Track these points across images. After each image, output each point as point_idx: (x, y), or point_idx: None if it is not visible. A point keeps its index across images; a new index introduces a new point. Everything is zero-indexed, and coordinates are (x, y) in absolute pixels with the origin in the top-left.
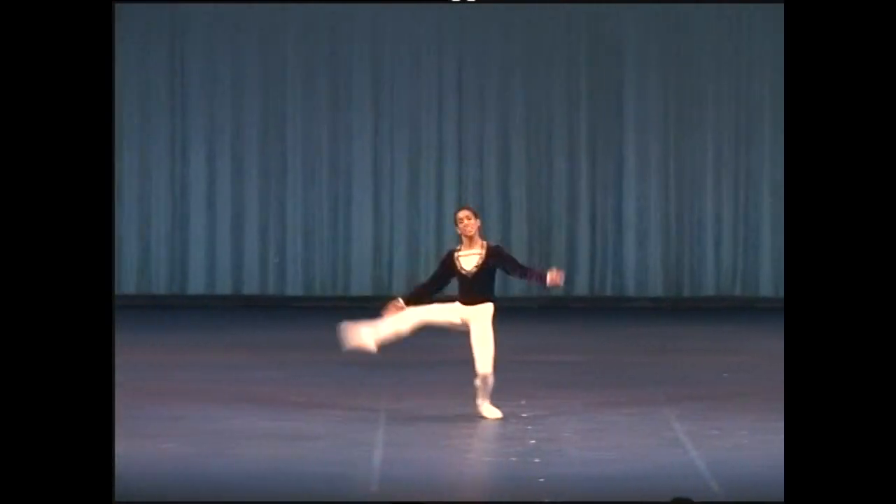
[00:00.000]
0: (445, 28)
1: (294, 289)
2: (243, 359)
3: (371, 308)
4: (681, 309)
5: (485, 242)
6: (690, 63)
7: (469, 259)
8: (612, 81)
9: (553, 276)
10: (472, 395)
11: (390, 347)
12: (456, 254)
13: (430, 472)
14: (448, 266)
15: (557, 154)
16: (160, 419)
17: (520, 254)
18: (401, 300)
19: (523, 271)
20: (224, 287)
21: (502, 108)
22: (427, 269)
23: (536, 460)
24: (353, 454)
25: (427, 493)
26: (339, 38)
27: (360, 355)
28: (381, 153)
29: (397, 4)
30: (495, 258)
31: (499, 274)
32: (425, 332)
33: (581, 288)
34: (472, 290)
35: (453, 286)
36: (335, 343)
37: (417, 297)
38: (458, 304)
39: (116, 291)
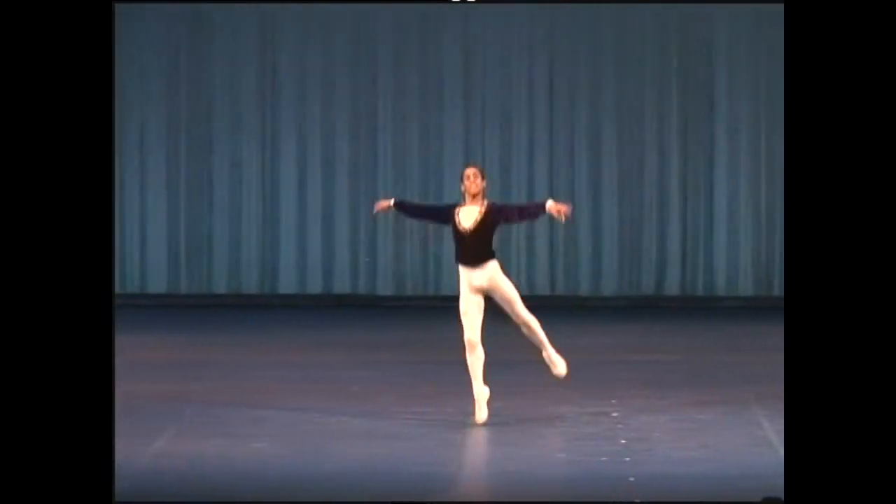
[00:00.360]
0: (536, 27)
1: (385, 288)
2: (334, 358)
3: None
4: (771, 308)
5: (486, 201)
6: (780, 61)
7: (468, 216)
8: (702, 80)
9: (553, 206)
10: (536, 350)
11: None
12: (457, 208)
13: (520, 472)
14: (446, 213)
15: (648, 153)
16: (251, 419)
17: (612, 254)
18: (391, 199)
19: (522, 210)
20: (315, 286)
21: (592, 108)
22: (518, 268)
23: (627, 459)
24: (443, 454)
25: (516, 492)
26: (429, 38)
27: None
28: (471, 152)
29: (487, 4)
30: (494, 213)
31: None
32: (517, 333)
33: (672, 287)
34: (471, 248)
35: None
36: (426, 342)
37: (410, 205)
38: (462, 271)
39: (207, 291)
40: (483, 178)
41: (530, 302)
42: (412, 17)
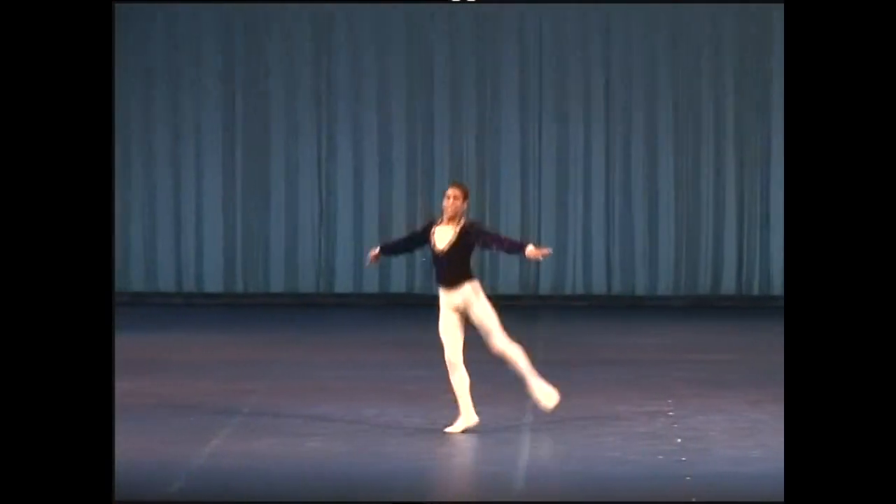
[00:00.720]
0: (592, 27)
1: None
2: (390, 357)
3: (517, 307)
4: None
5: (463, 220)
6: None
7: (443, 236)
8: (759, 80)
9: (532, 251)
10: (530, 385)
11: (535, 344)
12: (434, 227)
13: (576, 471)
14: (423, 233)
15: (704, 152)
16: (306, 418)
17: (668, 254)
18: (377, 248)
19: (501, 242)
20: (371, 286)
21: (648, 107)
22: (574, 268)
23: (683, 459)
24: (501, 453)
25: (573, 492)
26: (485, 38)
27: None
28: (527, 152)
29: (543, 4)
30: (469, 235)
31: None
32: (573, 332)
33: (728, 287)
34: (446, 269)
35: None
36: (481, 342)
37: (392, 246)
38: (440, 292)
39: (263, 290)
40: (464, 199)
41: (587, 301)
42: (467, 16)
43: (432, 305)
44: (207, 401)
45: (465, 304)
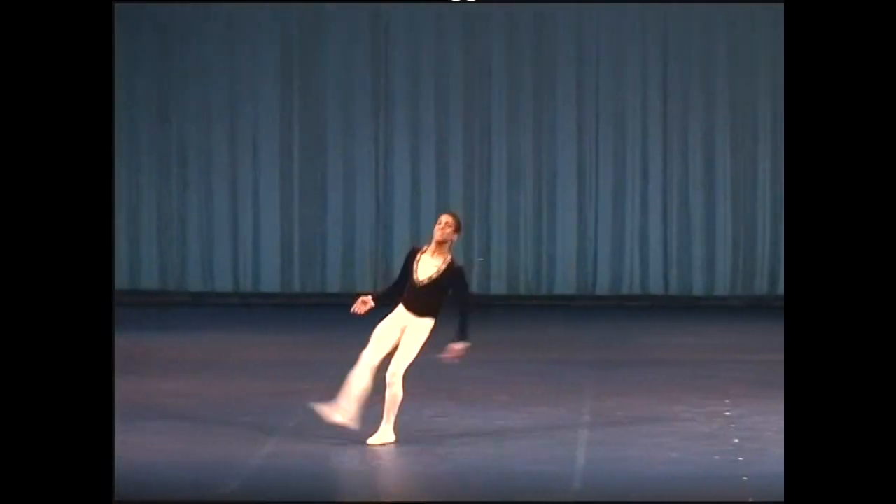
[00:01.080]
0: (649, 26)
1: (498, 288)
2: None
3: (574, 307)
4: None
5: (451, 258)
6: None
7: (427, 267)
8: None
9: (451, 349)
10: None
11: (591, 344)
12: (419, 254)
13: (633, 471)
14: (409, 263)
15: (761, 152)
16: (367, 418)
17: (725, 254)
18: (370, 296)
19: (462, 314)
20: None
21: (706, 108)
22: (632, 268)
23: (740, 459)
24: (557, 452)
25: (629, 492)
26: (543, 37)
27: (552, 359)
28: (585, 152)
29: (600, 4)
30: (451, 278)
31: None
32: (630, 333)
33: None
34: (418, 301)
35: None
36: (539, 342)
37: (386, 294)
38: (402, 308)
39: (319, 290)
40: (456, 230)
41: (644, 301)
42: (526, 16)
43: (490, 305)
44: (264, 401)
45: (409, 325)
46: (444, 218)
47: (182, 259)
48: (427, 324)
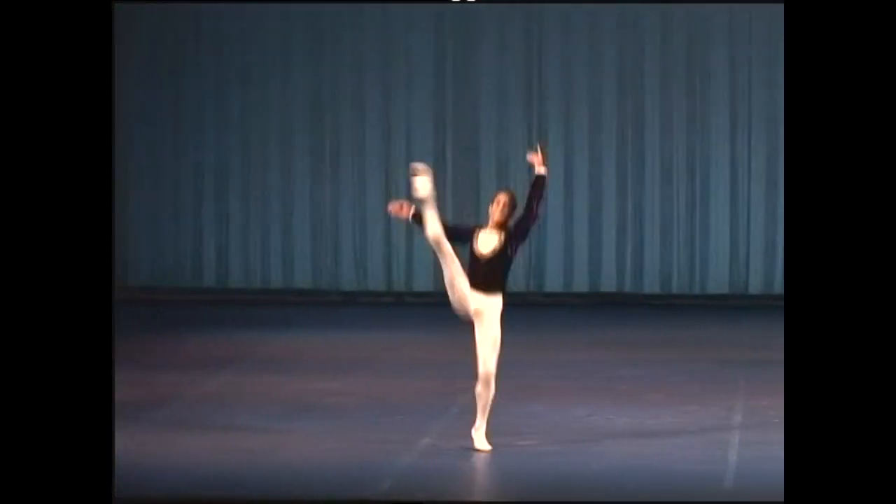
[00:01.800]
0: None
1: (651, 286)
2: (601, 356)
3: (727, 306)
4: None
5: (508, 228)
6: None
7: (487, 241)
8: None
9: (535, 163)
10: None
11: (742, 343)
12: (479, 231)
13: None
14: (470, 233)
15: None
16: (517, 417)
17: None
18: (413, 209)
19: (529, 200)
20: (581, 285)
21: None
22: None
23: None
24: (709, 452)
25: (781, 492)
26: (696, 39)
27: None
28: (737, 151)
29: (753, 4)
30: (512, 240)
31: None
32: (783, 331)
33: None
34: (483, 275)
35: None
36: (692, 341)
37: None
38: (470, 290)
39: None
40: (513, 207)
41: (737, 301)
42: (679, 16)
43: (642, 304)
44: (418, 400)
45: (481, 310)
46: (501, 196)
47: (335, 259)
48: (496, 303)
